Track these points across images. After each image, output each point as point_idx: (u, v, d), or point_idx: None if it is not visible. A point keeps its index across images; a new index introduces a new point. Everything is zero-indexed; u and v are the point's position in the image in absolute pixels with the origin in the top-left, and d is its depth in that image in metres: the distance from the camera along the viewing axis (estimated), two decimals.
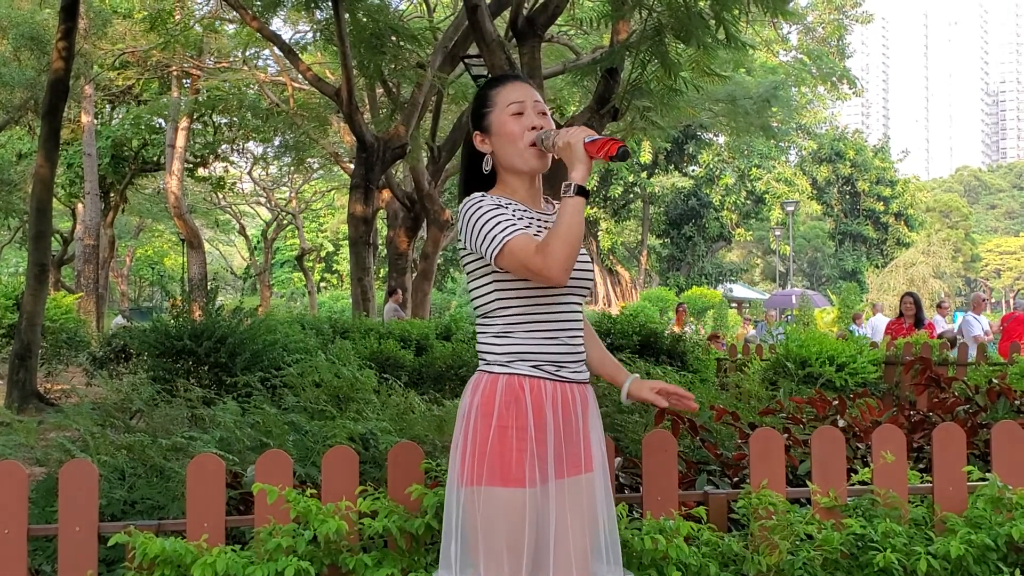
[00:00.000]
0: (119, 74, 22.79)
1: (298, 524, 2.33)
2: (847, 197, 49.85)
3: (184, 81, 23.06)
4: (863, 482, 2.64)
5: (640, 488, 2.52)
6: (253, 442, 3.24)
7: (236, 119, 23.38)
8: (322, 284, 52.89)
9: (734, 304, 39.78)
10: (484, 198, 2.00)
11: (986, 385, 3.90)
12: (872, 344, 7.39)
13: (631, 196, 39.34)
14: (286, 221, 40.30)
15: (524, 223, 2.00)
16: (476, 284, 2.06)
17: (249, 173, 33.99)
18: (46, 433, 4.75)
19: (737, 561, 2.44)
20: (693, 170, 40.22)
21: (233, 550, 2.29)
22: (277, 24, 37.64)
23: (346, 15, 11.96)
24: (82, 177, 22.10)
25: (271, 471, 2.36)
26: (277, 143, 24.62)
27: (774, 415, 3.57)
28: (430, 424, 3.59)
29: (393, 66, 13.54)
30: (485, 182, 2.13)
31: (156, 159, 24.85)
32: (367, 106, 16.55)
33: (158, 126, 24.41)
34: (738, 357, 7.85)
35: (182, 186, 23.46)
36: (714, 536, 2.45)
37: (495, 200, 2.01)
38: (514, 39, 9.36)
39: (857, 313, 18.55)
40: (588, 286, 2.11)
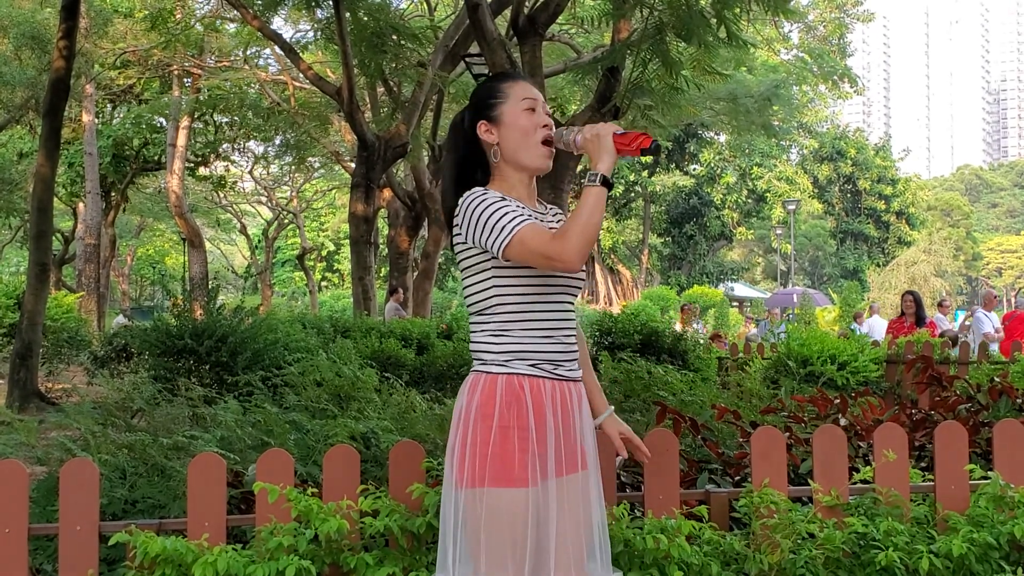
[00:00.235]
0: (120, 73, 22.78)
1: (299, 523, 2.32)
2: (848, 196, 49.85)
3: (185, 80, 23.08)
4: (865, 481, 2.63)
5: (642, 487, 2.52)
6: (254, 441, 3.24)
7: (237, 118, 23.35)
8: (323, 283, 52.84)
9: (735, 303, 39.79)
10: (488, 192, 1.99)
11: (988, 383, 3.90)
12: (873, 343, 7.40)
13: (632, 195, 39.35)
14: (287, 220, 40.25)
15: (527, 215, 2.00)
16: (473, 280, 2.03)
17: (250, 172, 33.95)
18: (47, 432, 4.74)
19: (739, 560, 2.44)
20: (694, 169, 40.25)
21: (234, 549, 2.29)
22: (278, 23, 37.69)
23: (347, 14, 11.95)
24: (83, 176, 22.10)
25: (272, 470, 2.35)
26: (278, 142, 24.59)
27: (776, 414, 3.56)
28: (431, 423, 3.59)
29: (394, 65, 13.54)
30: (478, 178, 2.10)
31: (157, 158, 24.84)
32: (368, 105, 16.53)
33: (159, 125, 24.40)
34: (739, 356, 7.86)
35: (183, 185, 23.44)
36: (716, 535, 2.44)
37: (497, 194, 2.00)
38: (515, 38, 9.36)
39: (858, 312, 18.53)
40: (580, 285, 2.10)
